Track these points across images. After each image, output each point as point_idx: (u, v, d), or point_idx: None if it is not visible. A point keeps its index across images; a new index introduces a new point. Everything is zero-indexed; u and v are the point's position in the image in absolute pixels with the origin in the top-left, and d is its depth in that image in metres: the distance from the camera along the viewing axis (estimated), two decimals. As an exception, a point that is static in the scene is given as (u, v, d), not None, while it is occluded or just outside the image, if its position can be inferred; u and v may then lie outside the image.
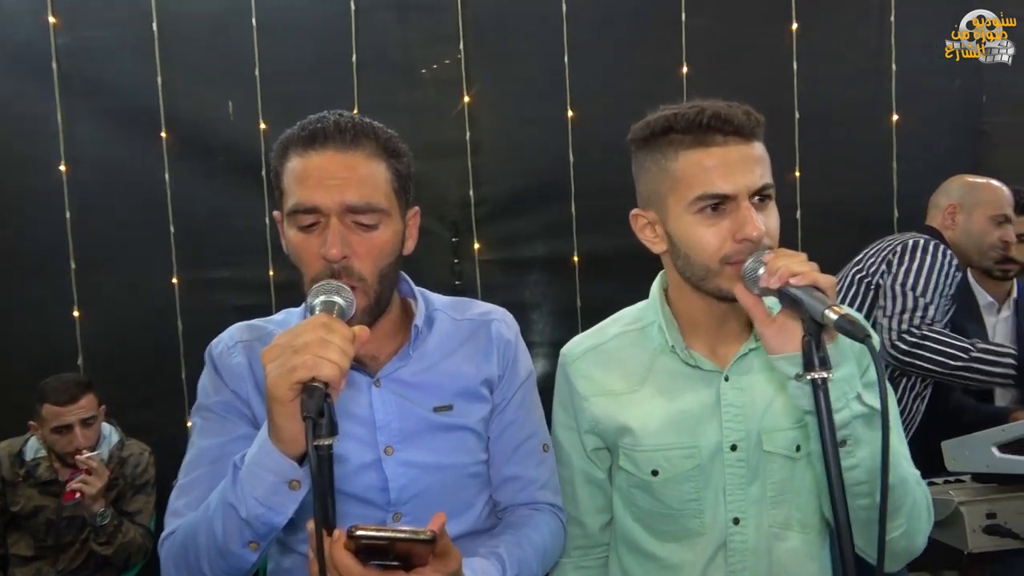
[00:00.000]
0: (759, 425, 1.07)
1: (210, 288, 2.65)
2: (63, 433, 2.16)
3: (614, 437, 1.13)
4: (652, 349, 1.13)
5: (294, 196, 0.96)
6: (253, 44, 2.61)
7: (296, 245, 0.97)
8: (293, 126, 1.01)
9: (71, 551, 2.21)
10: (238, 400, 1.03)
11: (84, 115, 2.62)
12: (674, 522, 1.11)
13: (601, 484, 1.18)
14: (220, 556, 0.89)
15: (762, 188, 0.99)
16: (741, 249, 0.97)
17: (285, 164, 0.98)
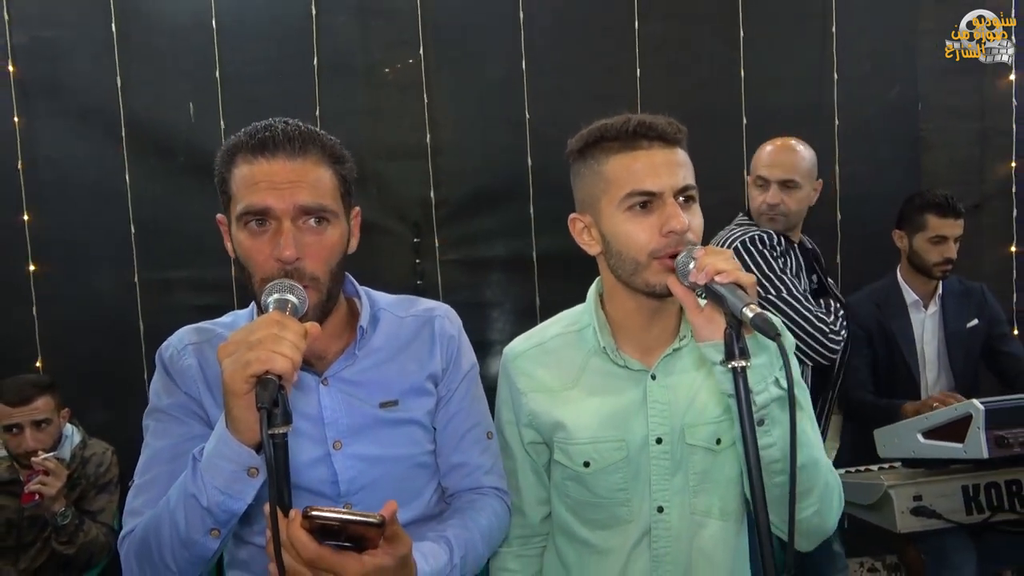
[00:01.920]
0: (682, 420, 1.16)
1: (170, 288, 2.66)
2: (14, 434, 2.17)
3: (549, 432, 1.21)
4: (586, 350, 1.21)
5: (245, 200, 1.00)
6: (213, 46, 2.63)
7: (247, 247, 1.01)
8: (239, 133, 1.05)
9: (32, 551, 2.22)
10: (191, 401, 1.07)
11: (41, 115, 2.61)
12: (604, 510, 1.19)
13: (542, 476, 1.26)
14: (183, 546, 0.94)
15: (685, 188, 1.09)
16: (667, 243, 1.05)
17: (233, 170, 1.02)
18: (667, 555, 1.16)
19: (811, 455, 1.07)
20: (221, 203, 1.07)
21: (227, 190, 1.04)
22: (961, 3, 2.89)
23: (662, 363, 1.17)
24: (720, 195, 2.84)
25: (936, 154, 2.97)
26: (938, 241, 2.41)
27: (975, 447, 1.60)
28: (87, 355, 2.60)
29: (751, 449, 0.87)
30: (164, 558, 0.95)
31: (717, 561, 1.17)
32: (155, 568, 0.97)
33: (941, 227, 2.39)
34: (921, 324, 2.52)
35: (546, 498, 1.27)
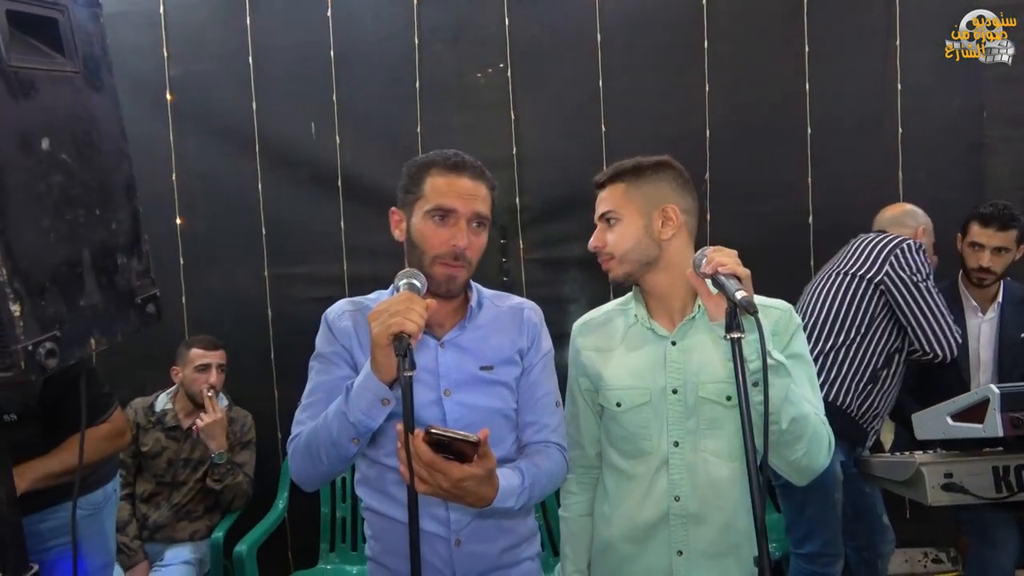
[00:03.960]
0: (696, 377, 1.46)
1: (293, 282, 3.11)
2: (204, 371, 2.71)
3: (596, 380, 1.55)
4: (628, 322, 1.55)
5: (436, 200, 1.39)
6: (332, 74, 3.06)
7: (428, 233, 1.39)
8: (431, 153, 1.45)
9: (184, 488, 2.71)
10: (344, 351, 1.44)
11: (191, 135, 3.10)
12: (632, 443, 1.52)
13: (597, 419, 1.60)
14: (333, 447, 1.32)
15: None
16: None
17: (428, 178, 1.41)
18: (681, 481, 1.47)
19: (800, 411, 1.35)
20: (402, 200, 1.45)
21: (416, 191, 1.42)
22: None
23: (679, 330, 1.49)
24: (785, 202, 3.06)
25: (999, 161, 3.07)
26: (976, 248, 2.55)
27: (992, 427, 1.80)
28: (225, 337, 3.03)
29: (743, 403, 1.17)
30: (319, 455, 1.34)
31: (722, 491, 1.46)
32: (312, 461, 1.36)
33: (979, 235, 2.53)
34: (977, 328, 2.64)
35: (599, 437, 1.60)
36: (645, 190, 1.47)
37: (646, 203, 1.46)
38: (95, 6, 1.15)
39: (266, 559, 2.74)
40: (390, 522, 1.44)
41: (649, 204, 1.46)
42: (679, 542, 1.47)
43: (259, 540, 2.69)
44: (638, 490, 1.51)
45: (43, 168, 1.00)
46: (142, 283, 1.19)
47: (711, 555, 1.47)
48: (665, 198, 1.47)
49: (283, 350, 3.09)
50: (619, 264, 1.49)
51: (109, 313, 1.10)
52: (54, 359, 0.96)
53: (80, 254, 1.05)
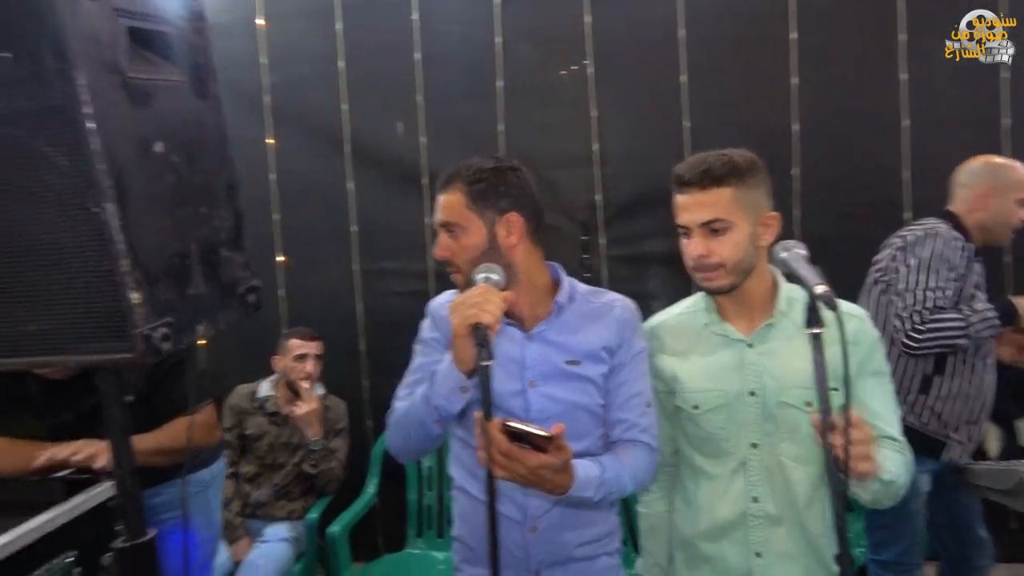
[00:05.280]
0: (776, 382, 1.44)
1: (382, 276, 3.23)
2: (301, 361, 2.86)
3: (671, 382, 1.55)
4: (698, 326, 1.54)
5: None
6: (417, 75, 3.15)
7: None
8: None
9: (283, 471, 2.87)
10: (443, 338, 1.50)
11: (287, 137, 3.27)
12: (710, 443, 1.51)
13: (669, 418, 1.59)
14: (419, 426, 1.40)
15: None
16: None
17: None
18: (759, 483, 1.47)
19: (897, 481, 1.35)
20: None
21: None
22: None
23: (758, 334, 1.47)
24: (877, 198, 2.95)
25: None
26: None
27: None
28: (317, 329, 3.18)
29: (821, 401, 1.14)
30: (409, 432, 1.43)
31: (799, 494, 1.45)
32: (403, 436, 1.46)
33: None
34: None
35: (673, 436, 1.60)
36: (752, 196, 1.40)
37: (753, 210, 1.40)
38: (201, 20, 1.25)
39: (357, 541, 2.87)
40: (475, 503, 1.50)
41: (755, 210, 1.40)
42: (757, 543, 1.47)
43: (350, 523, 2.82)
44: (717, 489, 1.51)
45: (157, 170, 1.10)
46: (243, 275, 1.28)
47: (790, 556, 1.46)
48: (765, 203, 1.43)
49: (372, 343, 3.22)
50: (728, 275, 1.41)
51: (214, 302, 1.20)
52: (168, 343, 1.06)
53: (189, 248, 1.15)
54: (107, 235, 1.01)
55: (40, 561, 1.49)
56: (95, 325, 1.05)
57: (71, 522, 1.58)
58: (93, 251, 1.03)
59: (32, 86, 1.01)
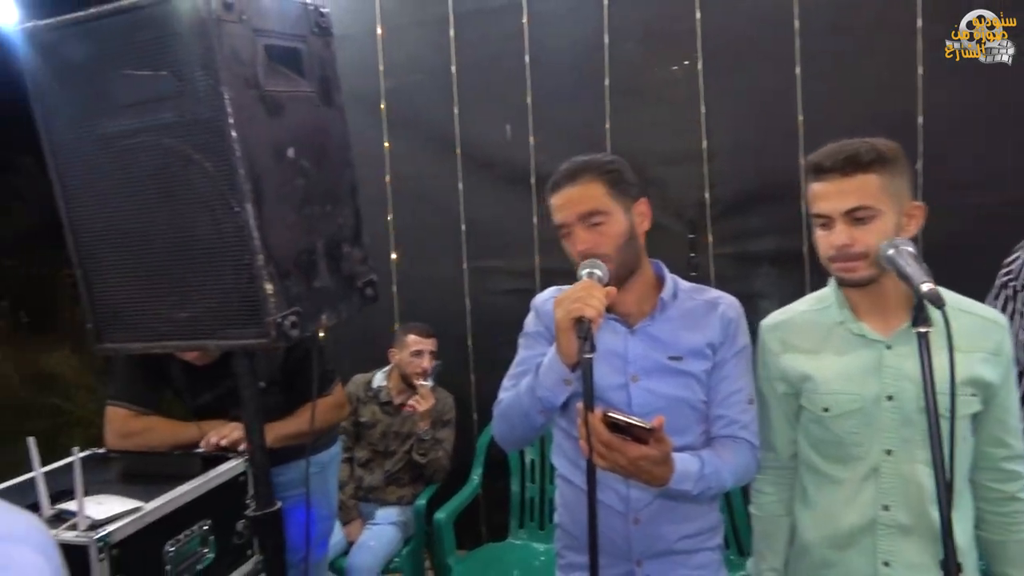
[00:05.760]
0: (915, 386, 1.35)
1: (490, 274, 3.32)
2: (418, 356, 3.01)
3: (798, 383, 1.50)
4: (830, 323, 1.49)
5: (557, 220, 1.53)
6: (525, 78, 3.22)
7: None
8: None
9: (395, 458, 3.03)
10: (547, 332, 1.57)
11: (401, 140, 3.42)
12: (840, 448, 1.46)
13: (791, 421, 1.56)
14: (524, 417, 1.46)
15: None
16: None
17: (550, 204, 1.54)
18: (892, 491, 1.41)
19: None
20: None
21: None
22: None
23: (897, 335, 1.41)
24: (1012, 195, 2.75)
25: None
26: None
27: None
28: (428, 323, 3.27)
29: (930, 405, 1.11)
30: (514, 421, 1.50)
31: (935, 504, 1.36)
32: (508, 426, 1.52)
33: None
34: None
35: (793, 438, 1.56)
36: (897, 183, 1.35)
37: (897, 199, 1.35)
38: (328, 35, 1.36)
39: (461, 529, 2.98)
40: (577, 491, 1.54)
41: (899, 200, 1.36)
42: (886, 552, 1.42)
43: (456, 510, 2.93)
44: (842, 495, 1.47)
45: (289, 173, 1.21)
46: (362, 269, 1.39)
47: (919, 567, 1.40)
48: (908, 193, 1.38)
49: (480, 339, 3.32)
50: (869, 266, 1.36)
51: (337, 294, 1.30)
52: (296, 330, 1.17)
53: (315, 244, 1.26)
54: (246, 232, 1.13)
55: (181, 527, 1.66)
56: (234, 313, 1.18)
57: (207, 493, 1.74)
58: (234, 247, 1.15)
59: (185, 101, 1.14)
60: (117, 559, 1.45)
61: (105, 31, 1.17)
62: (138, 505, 1.58)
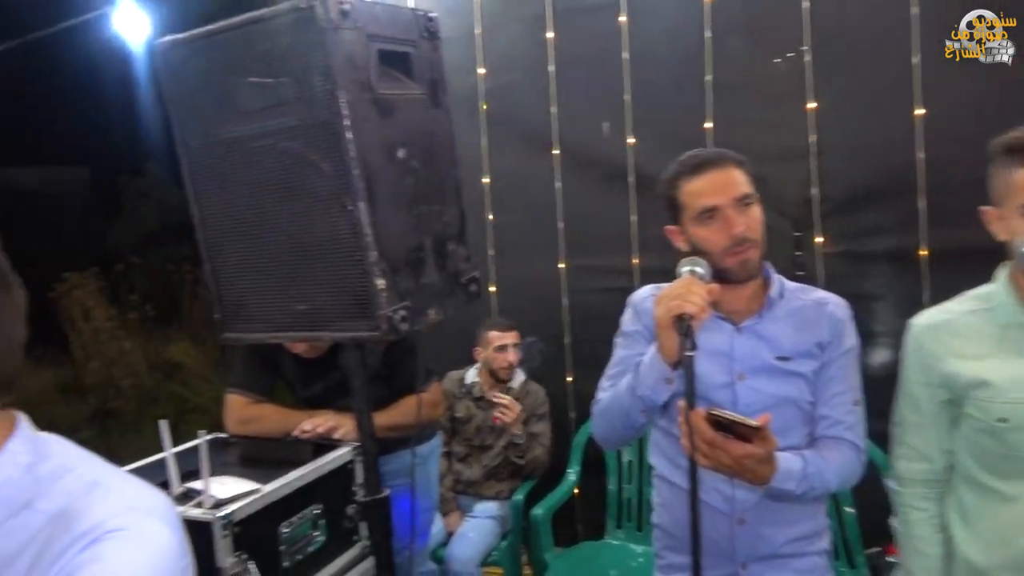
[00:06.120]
0: None
1: (587, 272, 3.32)
2: (502, 351, 3.07)
3: (965, 390, 1.38)
4: (1002, 323, 1.37)
5: (699, 203, 1.48)
6: (624, 76, 3.20)
7: (703, 234, 1.47)
8: (670, 168, 1.54)
9: (491, 452, 3.08)
10: (645, 330, 1.57)
11: (500, 140, 3.46)
12: (1014, 463, 1.34)
13: (947, 430, 1.45)
14: (624, 415, 1.46)
15: None
16: None
17: (678, 190, 1.52)
18: None
19: None
20: (671, 218, 1.58)
21: (676, 206, 1.53)
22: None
23: None
24: None
25: None
26: None
27: None
28: (524, 322, 3.32)
29: None
30: (614, 420, 1.50)
31: None
32: (608, 425, 1.53)
33: None
34: None
35: (949, 448, 1.45)
36: None
37: None
38: (436, 39, 1.41)
39: (557, 525, 2.99)
40: (677, 491, 1.53)
41: None
42: None
43: (552, 507, 2.95)
44: (1014, 513, 1.36)
45: (399, 173, 1.26)
46: (467, 267, 1.42)
47: None
48: None
49: (576, 337, 3.33)
50: None
51: (443, 290, 1.34)
52: (406, 324, 1.22)
53: (424, 241, 1.30)
54: (359, 230, 1.18)
55: (294, 510, 1.75)
56: (347, 307, 1.24)
57: (318, 479, 1.83)
58: (348, 244, 1.21)
59: (304, 106, 1.21)
60: (238, 536, 1.55)
61: (231, 43, 1.25)
62: (256, 487, 1.68)
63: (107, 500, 0.76)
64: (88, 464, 0.82)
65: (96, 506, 0.75)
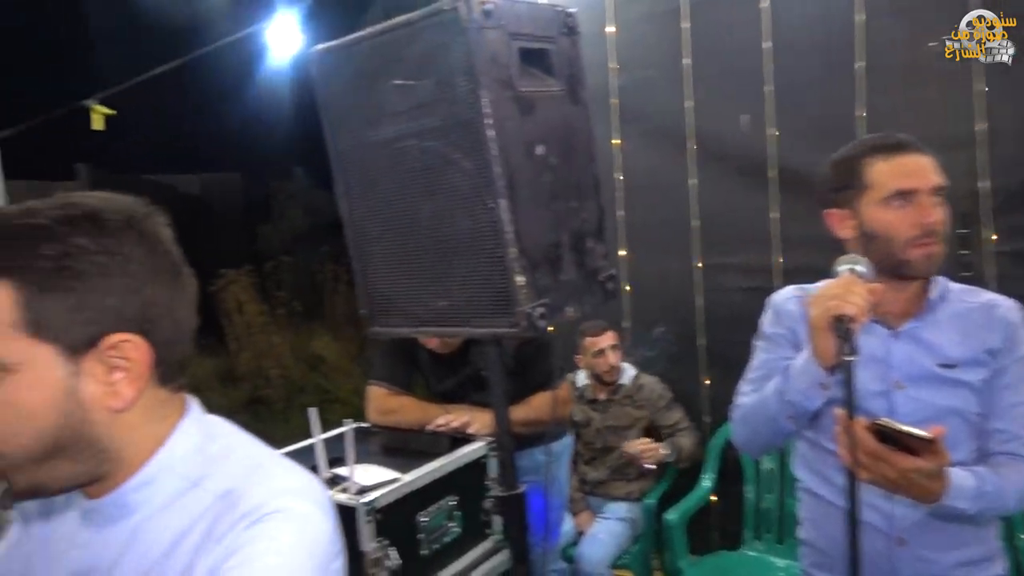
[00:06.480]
0: None
1: (725, 271, 3.20)
2: (599, 356, 3.02)
3: None
4: None
5: (894, 184, 1.35)
6: (765, 65, 3.05)
7: (889, 219, 1.35)
8: (856, 144, 1.42)
9: (616, 452, 3.03)
10: (788, 332, 1.49)
11: (632, 136, 3.41)
12: None
13: None
14: (770, 421, 1.39)
15: None
16: None
17: (867, 168, 1.38)
18: None
19: None
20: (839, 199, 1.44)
21: (858, 184, 1.39)
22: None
23: None
24: None
25: None
26: None
27: None
28: (655, 322, 3.28)
29: None
30: (758, 427, 1.44)
31: None
32: (751, 431, 1.46)
33: None
34: None
35: None
36: None
37: None
38: (575, 35, 1.39)
39: (691, 532, 2.91)
40: (827, 506, 1.44)
41: None
42: None
43: (687, 512, 2.86)
44: None
45: (538, 169, 1.26)
46: (604, 264, 1.40)
47: None
48: None
49: (711, 338, 3.21)
50: None
51: (581, 287, 1.33)
52: (544, 321, 1.21)
53: (562, 238, 1.29)
54: (499, 227, 1.19)
55: (432, 500, 1.80)
56: (487, 303, 1.25)
57: (454, 471, 1.88)
58: (487, 240, 1.22)
59: (447, 106, 1.23)
60: (380, 523, 1.61)
61: (378, 48, 1.30)
62: (397, 476, 1.74)
63: (269, 482, 0.81)
64: (251, 446, 0.87)
65: (259, 487, 0.80)
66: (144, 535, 0.80)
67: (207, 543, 0.76)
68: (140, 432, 0.80)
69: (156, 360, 0.79)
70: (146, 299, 0.78)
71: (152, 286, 0.79)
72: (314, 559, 0.77)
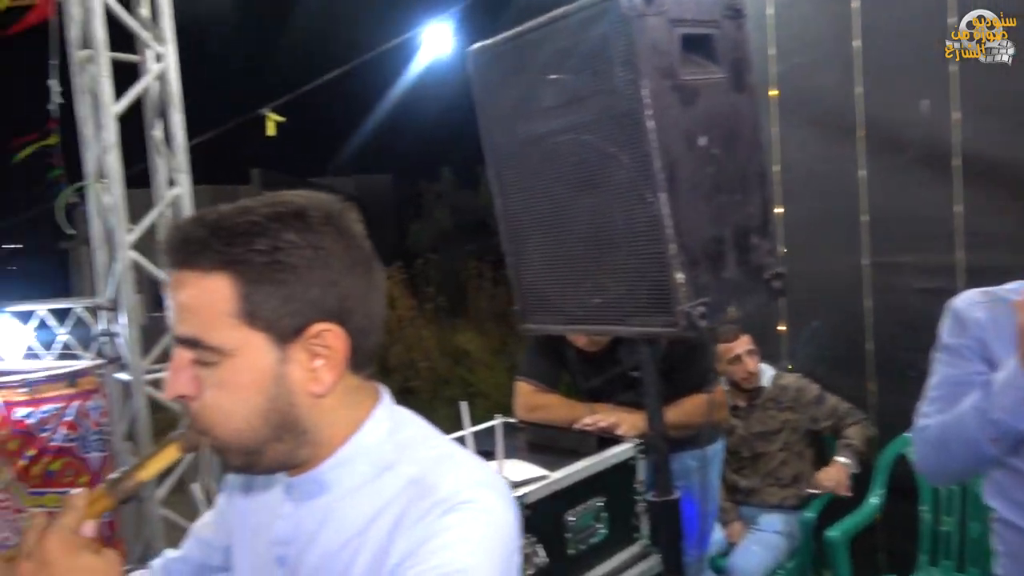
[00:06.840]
0: None
1: (898, 271, 2.93)
2: (735, 363, 2.89)
3: None
4: None
5: None
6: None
7: None
8: None
9: (765, 457, 2.89)
10: (975, 342, 1.32)
11: (793, 126, 3.20)
12: None
13: None
14: (967, 444, 1.23)
15: None
16: None
17: None
18: None
19: None
20: None
21: None
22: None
23: None
24: None
25: None
26: None
27: None
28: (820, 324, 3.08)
29: None
30: (951, 450, 1.28)
31: None
32: (941, 455, 1.30)
33: None
34: None
35: None
36: None
37: None
38: (740, 17, 1.32)
39: (855, 552, 2.69)
40: None
41: None
42: None
43: (850, 530, 2.65)
44: None
45: (700, 161, 1.20)
46: (770, 261, 1.32)
47: None
48: None
49: (881, 343, 2.96)
50: None
51: (744, 286, 1.26)
52: (705, 321, 1.15)
53: (724, 233, 1.23)
54: (658, 222, 1.15)
55: (579, 500, 1.77)
56: (644, 301, 1.21)
57: (602, 472, 1.84)
58: (644, 236, 1.18)
59: (603, 98, 1.20)
60: (528, 519, 1.60)
61: (535, 43, 1.29)
62: (545, 473, 1.73)
63: (458, 472, 0.83)
64: (436, 437, 0.90)
65: (450, 476, 0.82)
66: (339, 513, 0.84)
67: (401, 526, 0.79)
68: (337, 416, 0.85)
69: (351, 348, 0.83)
70: (344, 290, 0.82)
71: (349, 278, 0.83)
72: (502, 549, 0.78)
